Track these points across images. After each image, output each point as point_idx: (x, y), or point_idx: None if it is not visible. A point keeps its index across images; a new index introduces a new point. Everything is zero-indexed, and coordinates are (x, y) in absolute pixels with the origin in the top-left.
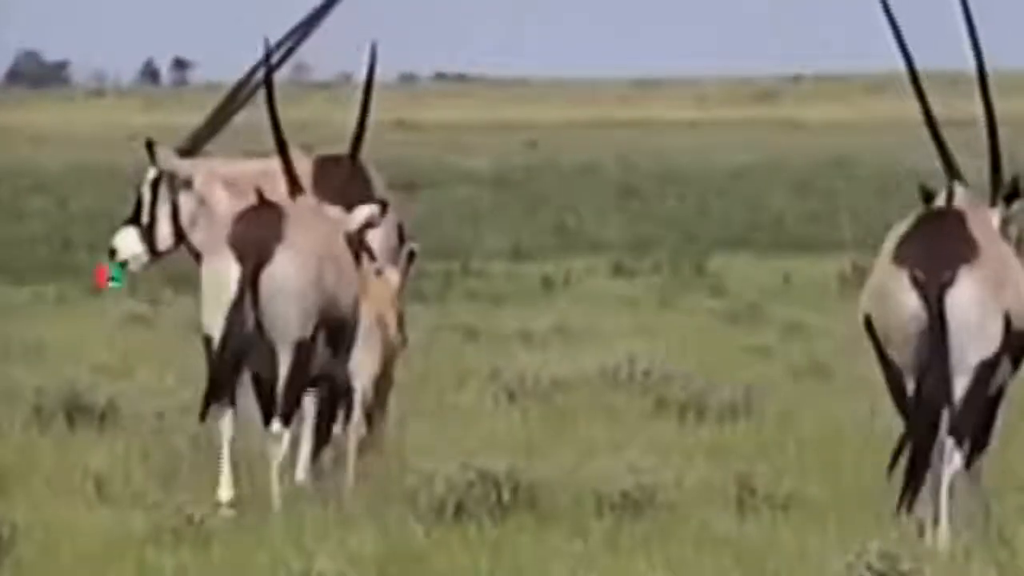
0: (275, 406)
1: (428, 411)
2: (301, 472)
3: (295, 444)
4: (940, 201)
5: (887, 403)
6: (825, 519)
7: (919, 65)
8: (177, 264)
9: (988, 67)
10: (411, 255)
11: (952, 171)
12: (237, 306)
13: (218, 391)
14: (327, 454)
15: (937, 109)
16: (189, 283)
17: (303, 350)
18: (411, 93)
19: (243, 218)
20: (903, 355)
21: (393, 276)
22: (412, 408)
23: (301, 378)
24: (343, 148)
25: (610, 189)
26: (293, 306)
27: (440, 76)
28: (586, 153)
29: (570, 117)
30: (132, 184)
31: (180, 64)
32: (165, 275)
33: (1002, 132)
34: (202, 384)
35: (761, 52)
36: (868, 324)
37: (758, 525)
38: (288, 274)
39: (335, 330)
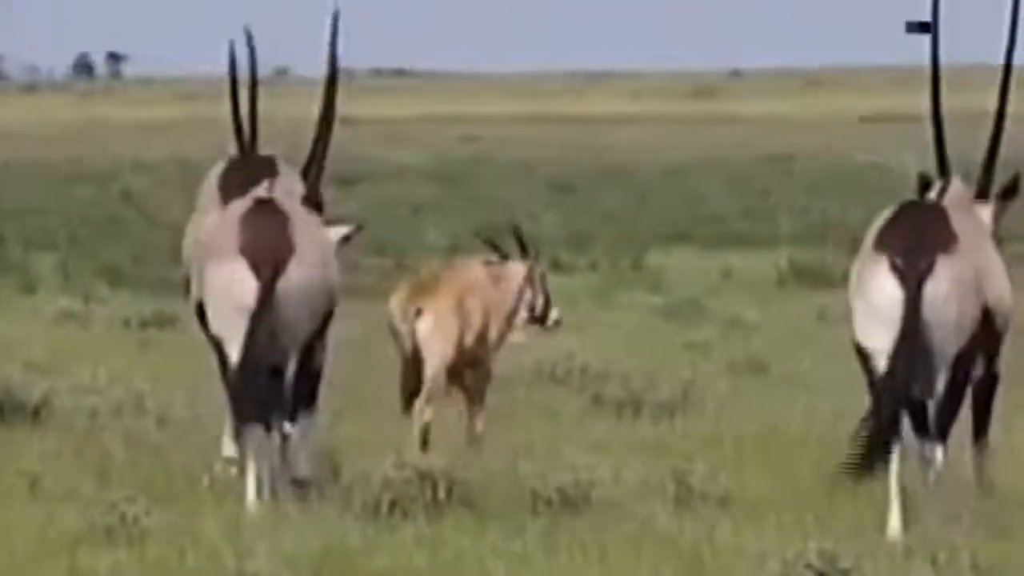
0: (284, 405)
1: (363, 409)
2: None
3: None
4: (933, 195)
5: (825, 400)
6: (763, 516)
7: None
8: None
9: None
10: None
11: (944, 167)
12: (258, 316)
13: (245, 402)
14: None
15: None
16: (123, 280)
17: (315, 350)
18: (348, 88)
19: (249, 222)
20: (879, 339)
21: (516, 268)
22: (347, 406)
23: (314, 377)
24: (284, 142)
25: (547, 184)
26: (307, 311)
27: (377, 71)
28: (524, 148)
29: (508, 112)
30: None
31: (114, 58)
32: (99, 271)
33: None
34: (132, 382)
35: (699, 47)
36: (851, 311)
37: (696, 522)
38: (302, 282)
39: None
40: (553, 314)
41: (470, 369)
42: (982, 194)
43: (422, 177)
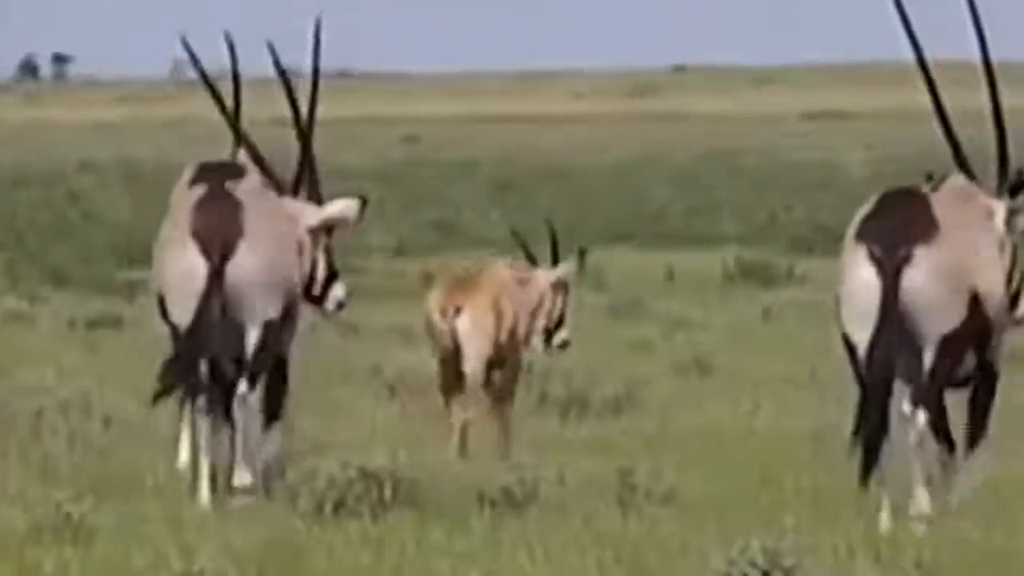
0: (243, 370)
1: (309, 408)
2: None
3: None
4: (925, 188)
5: (769, 398)
6: (707, 514)
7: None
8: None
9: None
10: None
11: (961, 161)
12: (207, 298)
13: (183, 378)
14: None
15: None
16: (69, 281)
17: (270, 329)
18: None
19: (202, 208)
20: (860, 331)
21: (545, 275)
22: (293, 404)
23: (267, 353)
24: (224, 144)
25: (490, 184)
26: (258, 295)
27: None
28: (466, 148)
29: (449, 112)
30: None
31: (59, 59)
32: (45, 272)
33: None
34: (80, 380)
35: (641, 44)
36: (837, 304)
37: (640, 520)
38: (253, 266)
39: (286, 310)
40: (563, 333)
41: (499, 369)
42: (998, 191)
43: (365, 178)
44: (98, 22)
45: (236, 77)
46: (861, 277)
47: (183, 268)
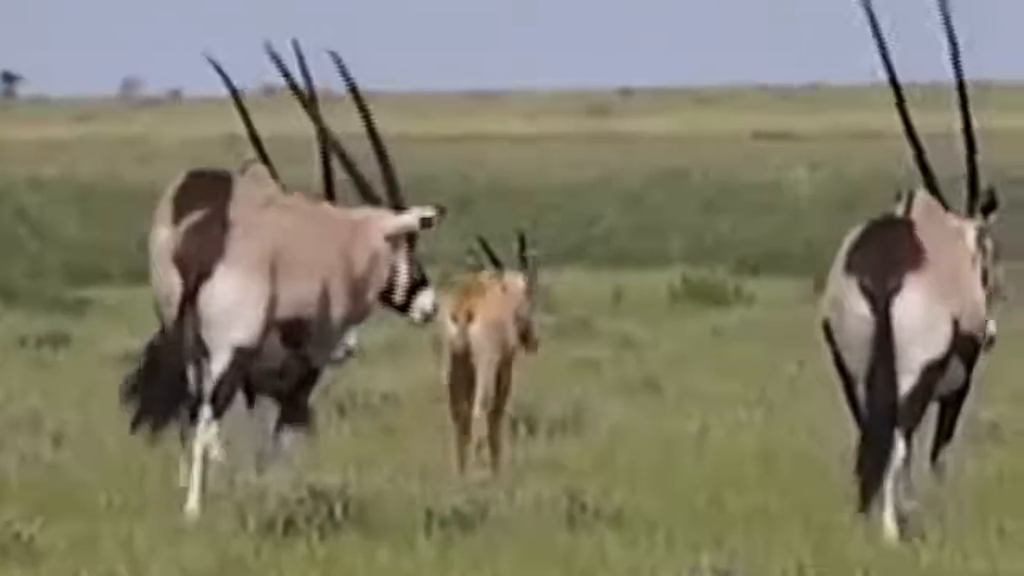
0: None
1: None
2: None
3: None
4: (900, 208)
5: (718, 417)
6: (656, 533)
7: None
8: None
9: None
10: None
11: (930, 180)
12: (178, 322)
13: (154, 403)
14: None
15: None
16: (17, 298)
17: (242, 354)
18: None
19: (188, 230)
20: (856, 361)
21: (516, 281)
22: (243, 423)
23: (234, 378)
24: (181, 163)
25: (444, 203)
26: (232, 317)
27: (270, 90)
28: (419, 167)
29: (402, 131)
30: None
31: (8, 78)
32: None
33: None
34: (30, 398)
35: (590, 65)
36: (826, 331)
37: (589, 540)
38: (226, 290)
39: (291, 329)
40: (533, 337)
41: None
42: (969, 211)
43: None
44: (48, 41)
45: (235, 94)
46: (854, 309)
47: (164, 285)
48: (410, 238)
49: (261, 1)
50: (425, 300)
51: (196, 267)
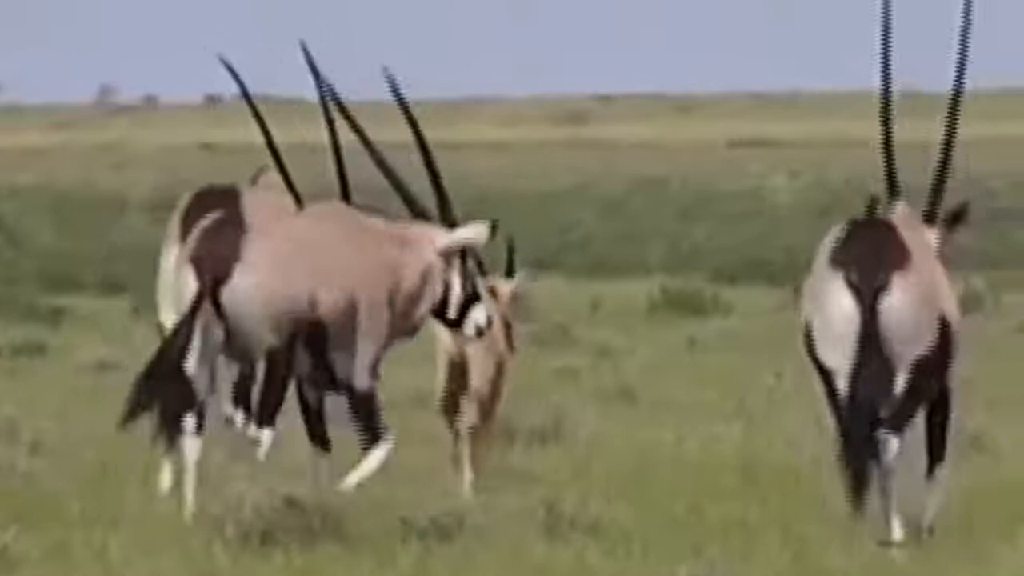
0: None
1: (234, 436)
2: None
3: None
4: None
5: (694, 427)
6: (633, 544)
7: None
8: None
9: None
10: None
11: (894, 190)
12: (188, 322)
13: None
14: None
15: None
16: None
17: (276, 357)
18: (217, 115)
19: (205, 233)
20: (837, 357)
21: (504, 288)
22: (218, 432)
23: (276, 384)
24: (156, 171)
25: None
26: (255, 319)
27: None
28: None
29: (379, 138)
30: None
31: None
32: None
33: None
34: (5, 407)
35: (567, 72)
36: (807, 329)
37: (567, 549)
38: (248, 290)
39: (314, 335)
40: (515, 342)
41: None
42: (929, 219)
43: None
44: (24, 48)
45: (251, 102)
46: (839, 304)
47: (182, 287)
48: (463, 253)
49: (239, 9)
50: (479, 315)
51: (212, 269)
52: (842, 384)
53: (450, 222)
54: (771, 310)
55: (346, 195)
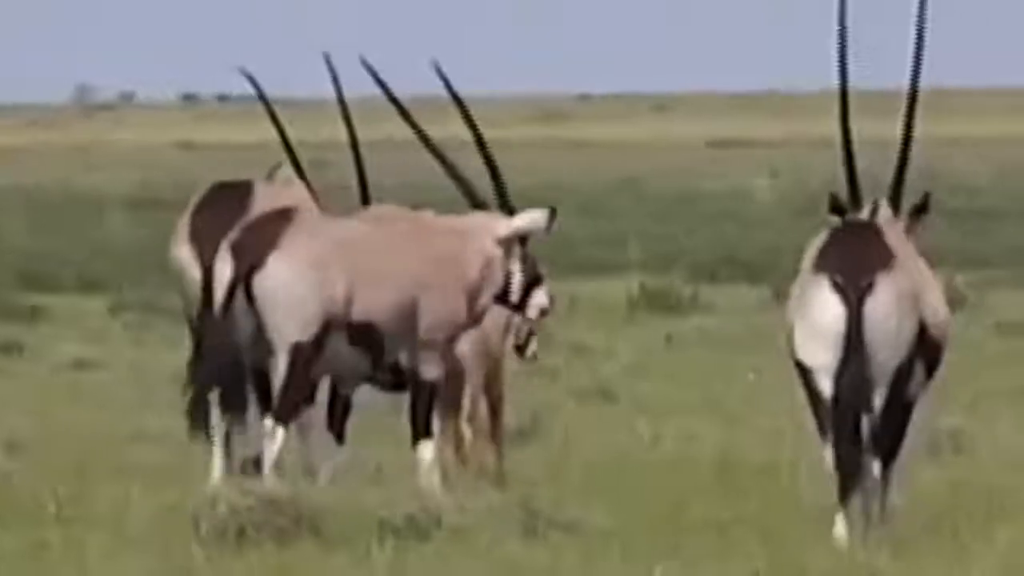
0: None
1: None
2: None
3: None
4: (863, 215)
5: (672, 426)
6: (610, 543)
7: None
8: None
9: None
10: None
11: (855, 193)
12: (224, 311)
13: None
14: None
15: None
16: None
17: (300, 353)
18: (195, 113)
19: (249, 224)
20: (820, 357)
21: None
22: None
23: (297, 381)
24: (133, 170)
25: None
26: (285, 311)
27: (223, 96)
28: (375, 174)
29: (357, 137)
30: None
31: None
32: None
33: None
34: None
35: (546, 71)
36: (791, 333)
37: (543, 549)
38: (280, 280)
39: (359, 332)
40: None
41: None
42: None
43: None
44: None
45: (267, 102)
46: (824, 306)
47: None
48: (522, 239)
49: (213, 7)
50: (540, 297)
51: (248, 256)
52: (825, 384)
53: (508, 210)
54: (750, 309)
55: (365, 195)
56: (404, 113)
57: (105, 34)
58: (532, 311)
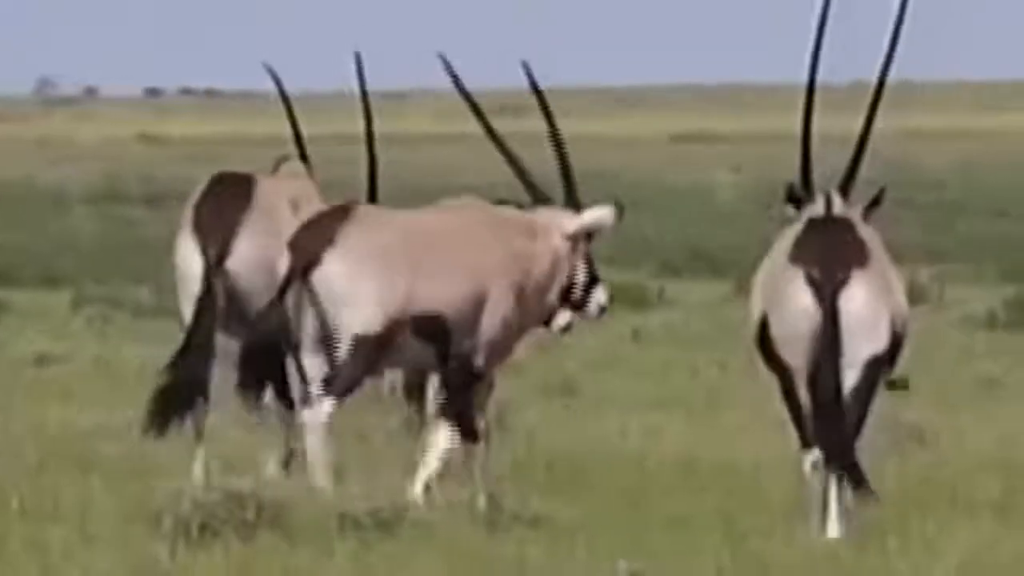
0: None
1: (173, 429)
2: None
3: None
4: (818, 207)
5: (637, 421)
6: (575, 538)
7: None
8: None
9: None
10: None
11: (808, 185)
12: (277, 306)
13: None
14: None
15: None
16: None
17: (361, 346)
18: (157, 107)
19: (309, 220)
20: (796, 354)
21: None
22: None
23: (356, 374)
24: (96, 163)
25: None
26: (345, 306)
27: (187, 90)
28: (331, 168)
29: (318, 131)
30: None
31: None
32: None
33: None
34: None
35: (503, 64)
36: (762, 325)
37: (508, 543)
38: (340, 274)
39: (424, 324)
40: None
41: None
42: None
43: None
44: None
45: (284, 94)
46: (799, 301)
47: (187, 260)
48: (588, 236)
49: (177, 1)
50: (600, 295)
51: (306, 251)
52: (801, 381)
53: (576, 206)
54: (715, 303)
55: (373, 192)
56: (475, 109)
57: (68, 27)
58: (592, 309)
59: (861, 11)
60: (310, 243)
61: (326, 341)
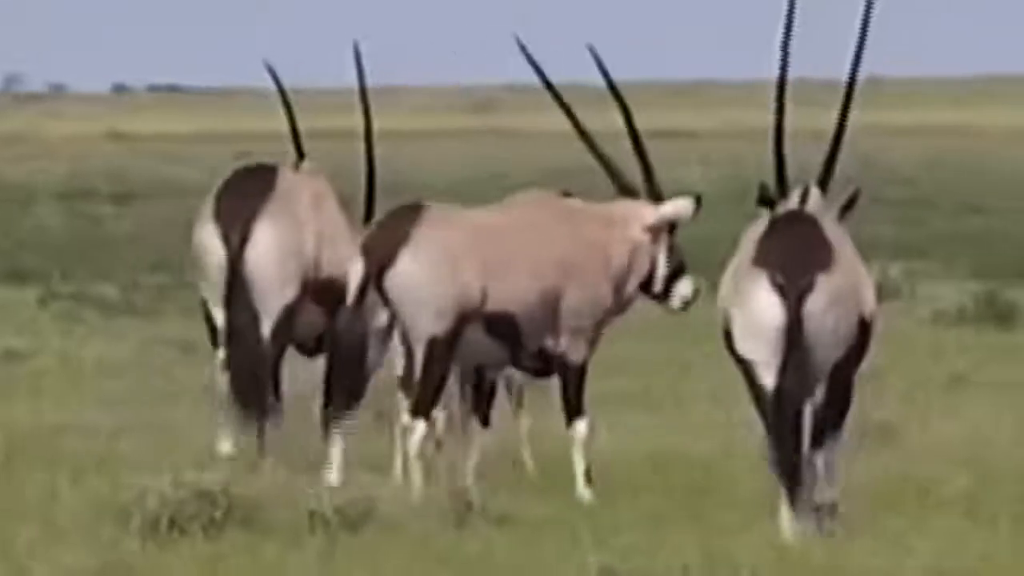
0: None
1: (141, 426)
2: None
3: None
4: (792, 202)
5: (602, 417)
6: (543, 535)
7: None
8: None
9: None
10: None
11: (782, 182)
12: (355, 305)
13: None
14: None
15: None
16: None
17: (436, 346)
18: (124, 104)
19: (380, 221)
20: (760, 354)
21: None
22: (124, 423)
23: (434, 373)
24: (64, 160)
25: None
26: (418, 306)
27: (152, 87)
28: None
29: (284, 128)
30: None
31: None
32: None
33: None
34: None
35: (475, 60)
36: (726, 323)
37: (475, 540)
38: (411, 275)
39: (497, 321)
40: None
41: None
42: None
43: (198, 194)
44: None
45: (283, 92)
46: (763, 303)
47: (210, 248)
48: (670, 227)
49: None
50: (684, 287)
51: (379, 253)
52: (767, 380)
53: (656, 197)
54: None
55: (371, 191)
56: (560, 101)
57: (35, 24)
58: (676, 301)
59: (830, 8)
60: (383, 245)
61: (404, 343)
